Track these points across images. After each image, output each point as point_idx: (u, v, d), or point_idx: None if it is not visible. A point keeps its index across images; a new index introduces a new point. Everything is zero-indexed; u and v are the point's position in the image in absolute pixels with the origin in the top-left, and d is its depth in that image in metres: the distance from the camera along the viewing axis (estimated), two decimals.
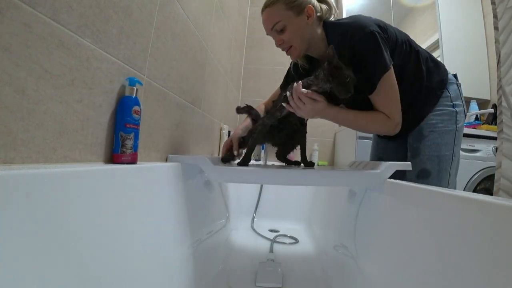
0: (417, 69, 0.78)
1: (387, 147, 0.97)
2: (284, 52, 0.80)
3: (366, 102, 0.77)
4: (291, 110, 0.72)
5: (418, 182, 0.72)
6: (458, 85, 0.82)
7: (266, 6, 0.74)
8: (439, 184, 0.77)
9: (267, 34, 0.78)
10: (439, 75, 0.79)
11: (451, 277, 0.38)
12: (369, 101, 0.76)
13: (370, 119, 0.75)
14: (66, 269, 0.37)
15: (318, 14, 0.75)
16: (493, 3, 0.51)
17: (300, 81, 0.69)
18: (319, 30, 0.77)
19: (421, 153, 0.79)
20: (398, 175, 0.76)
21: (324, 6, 0.77)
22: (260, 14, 0.76)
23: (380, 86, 0.71)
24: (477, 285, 0.34)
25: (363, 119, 0.75)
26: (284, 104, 0.72)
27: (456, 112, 0.78)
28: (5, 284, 0.29)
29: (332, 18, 0.79)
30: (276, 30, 0.74)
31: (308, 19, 0.73)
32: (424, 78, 0.78)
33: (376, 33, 0.68)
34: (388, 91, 0.72)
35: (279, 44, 0.77)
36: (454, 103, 0.79)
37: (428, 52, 0.82)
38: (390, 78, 0.71)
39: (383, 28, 0.72)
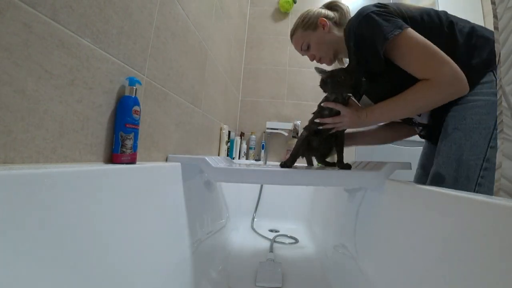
0: (449, 45, 0.65)
1: (430, 153, 0.84)
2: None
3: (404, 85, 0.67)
4: (333, 128, 0.74)
5: None
6: None
7: (291, 36, 0.87)
8: None
9: (302, 55, 0.89)
10: (482, 48, 0.64)
11: (451, 276, 0.38)
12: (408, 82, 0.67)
13: (410, 93, 0.64)
14: (66, 269, 0.37)
15: (333, 20, 0.81)
16: (493, 3, 0.51)
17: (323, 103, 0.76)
18: (340, 34, 0.80)
19: (440, 154, 0.66)
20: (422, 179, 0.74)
21: (335, 13, 0.83)
22: (290, 39, 0.89)
23: (396, 51, 0.63)
24: (477, 285, 0.34)
25: (402, 97, 0.65)
26: (320, 127, 0.75)
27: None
28: (5, 284, 0.29)
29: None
30: (304, 50, 0.85)
31: (324, 28, 0.80)
32: (461, 55, 0.64)
33: (372, 13, 0.65)
34: (409, 50, 0.62)
35: (312, 60, 0.87)
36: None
37: (481, 27, 0.68)
38: (404, 39, 0.62)
39: (383, 5, 0.67)
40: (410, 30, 0.62)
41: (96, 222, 0.43)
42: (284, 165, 0.75)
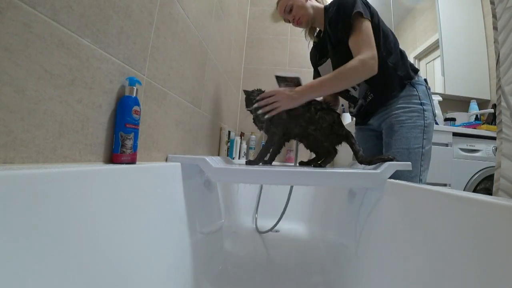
0: (384, 45, 0.88)
1: (366, 146, 1.02)
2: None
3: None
4: (274, 111, 0.85)
5: None
6: (427, 88, 0.92)
7: (277, 1, 1.04)
8: (409, 174, 0.83)
9: (283, 17, 1.05)
10: (405, 67, 0.90)
11: (450, 277, 0.38)
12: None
13: (343, 68, 0.82)
14: (66, 269, 0.37)
15: None
16: (492, 3, 0.51)
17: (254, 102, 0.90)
18: (320, 5, 1.01)
19: (392, 147, 0.86)
20: None
21: None
22: (276, 6, 1.06)
23: (355, 27, 0.83)
24: (477, 285, 0.34)
25: (336, 72, 0.83)
26: (259, 112, 0.86)
27: (424, 110, 0.87)
28: (5, 284, 0.29)
29: None
30: (287, 12, 1.01)
31: None
32: (389, 54, 0.88)
33: None
34: (362, 33, 0.82)
35: (292, 20, 1.02)
36: (422, 101, 0.88)
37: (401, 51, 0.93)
38: (365, 24, 0.82)
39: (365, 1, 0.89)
40: (369, 22, 0.84)
41: (96, 222, 0.43)
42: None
